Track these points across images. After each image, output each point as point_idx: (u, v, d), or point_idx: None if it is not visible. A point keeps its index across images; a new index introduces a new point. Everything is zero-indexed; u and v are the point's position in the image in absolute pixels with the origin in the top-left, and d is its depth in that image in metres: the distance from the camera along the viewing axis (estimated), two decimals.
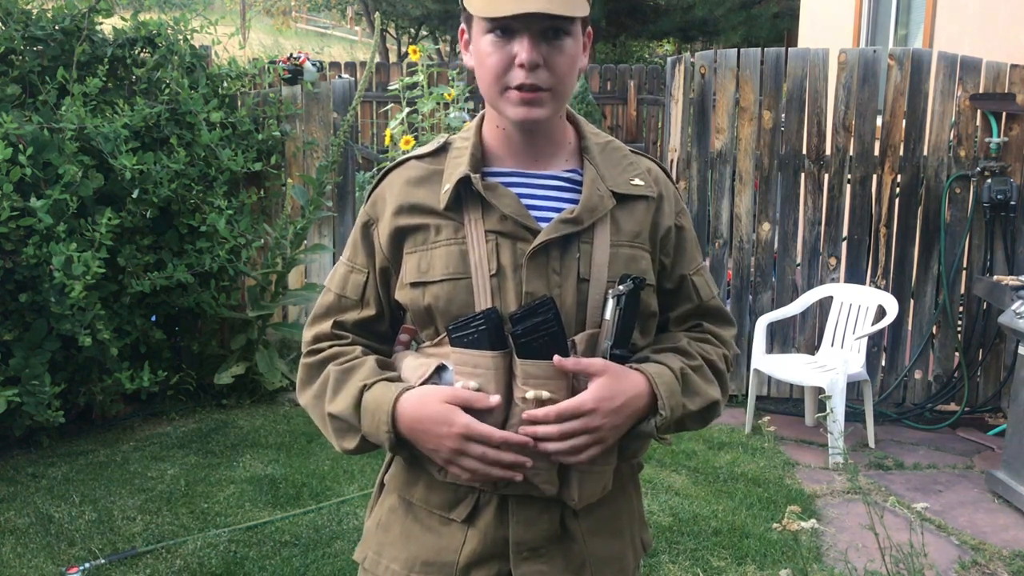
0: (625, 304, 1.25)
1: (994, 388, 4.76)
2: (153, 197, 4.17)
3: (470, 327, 1.27)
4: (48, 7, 4.31)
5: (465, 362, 1.28)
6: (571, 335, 1.28)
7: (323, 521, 3.48)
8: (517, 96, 1.27)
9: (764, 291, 4.91)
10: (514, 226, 1.29)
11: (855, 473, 3.99)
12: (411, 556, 1.37)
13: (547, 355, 1.24)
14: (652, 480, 3.88)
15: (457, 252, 1.30)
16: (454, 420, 1.24)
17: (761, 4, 14.61)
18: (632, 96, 10.64)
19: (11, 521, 3.46)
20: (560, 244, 1.29)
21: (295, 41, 22.23)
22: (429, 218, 1.33)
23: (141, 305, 4.42)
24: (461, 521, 1.34)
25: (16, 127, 3.65)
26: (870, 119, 4.72)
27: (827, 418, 4.06)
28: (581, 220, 1.29)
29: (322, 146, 5.04)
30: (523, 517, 1.33)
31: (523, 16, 1.22)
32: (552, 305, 1.24)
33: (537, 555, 1.34)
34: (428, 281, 1.31)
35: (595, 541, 1.37)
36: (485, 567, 1.34)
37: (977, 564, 3.26)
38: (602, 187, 1.32)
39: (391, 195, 1.36)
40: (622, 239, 1.32)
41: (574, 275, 1.29)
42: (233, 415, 4.63)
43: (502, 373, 1.27)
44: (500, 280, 1.28)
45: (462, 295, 1.29)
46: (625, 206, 1.34)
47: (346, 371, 1.35)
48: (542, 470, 1.28)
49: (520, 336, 1.24)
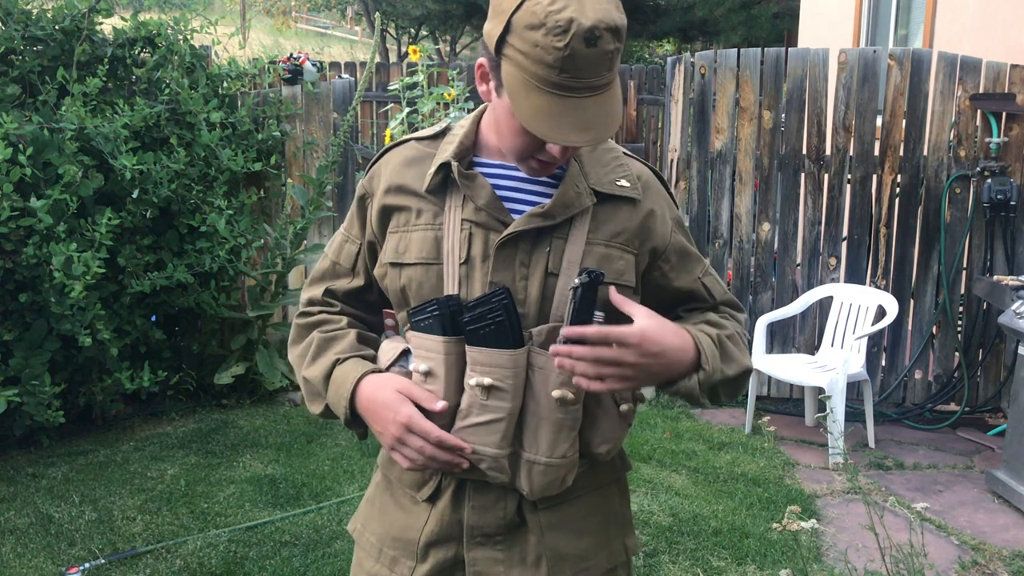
0: (580, 297, 1.24)
1: (994, 388, 4.76)
2: (153, 197, 4.17)
3: (425, 312, 1.31)
4: (48, 7, 4.31)
5: (420, 346, 1.32)
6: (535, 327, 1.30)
7: (323, 521, 3.48)
8: (538, 165, 1.29)
9: (764, 291, 4.91)
10: (488, 217, 1.31)
11: (855, 473, 3.98)
12: (384, 531, 1.44)
13: (495, 344, 1.26)
14: (652, 480, 3.88)
15: (432, 237, 1.34)
16: (399, 410, 1.30)
17: (761, 4, 14.60)
18: (632, 96, 10.62)
19: (11, 521, 3.46)
20: (531, 237, 1.31)
21: (295, 41, 22.24)
22: (413, 200, 1.37)
23: (141, 305, 4.42)
24: (424, 501, 1.39)
25: (16, 127, 3.65)
26: (870, 119, 4.72)
27: (827, 418, 4.06)
28: (553, 215, 1.30)
29: (322, 146, 5.04)
30: (479, 503, 1.36)
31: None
32: (505, 296, 1.26)
33: (491, 542, 1.37)
34: (403, 263, 1.35)
35: (554, 536, 1.37)
36: (443, 548, 1.38)
37: (977, 564, 3.26)
38: (582, 184, 1.32)
39: (385, 173, 1.41)
40: (599, 238, 1.32)
41: (542, 268, 1.30)
42: (233, 415, 4.63)
43: (454, 359, 1.30)
44: (469, 269, 1.31)
45: (432, 280, 1.33)
46: (607, 206, 1.34)
47: (327, 340, 1.42)
48: (486, 459, 1.30)
49: (468, 324, 1.27)
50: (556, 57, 1.15)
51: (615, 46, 1.18)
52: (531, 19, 1.16)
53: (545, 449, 1.30)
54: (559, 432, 1.29)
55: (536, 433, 1.30)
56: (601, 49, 1.16)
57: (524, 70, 1.19)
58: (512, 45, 1.19)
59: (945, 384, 4.82)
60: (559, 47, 1.15)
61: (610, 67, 1.20)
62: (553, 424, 1.29)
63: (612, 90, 1.22)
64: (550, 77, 1.17)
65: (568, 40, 1.14)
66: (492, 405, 1.28)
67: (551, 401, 1.28)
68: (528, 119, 1.20)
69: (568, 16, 1.14)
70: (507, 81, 1.22)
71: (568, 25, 1.14)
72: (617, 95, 1.24)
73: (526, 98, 1.19)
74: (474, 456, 1.30)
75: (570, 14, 1.14)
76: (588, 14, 1.15)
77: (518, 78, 1.20)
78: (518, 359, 1.27)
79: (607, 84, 1.21)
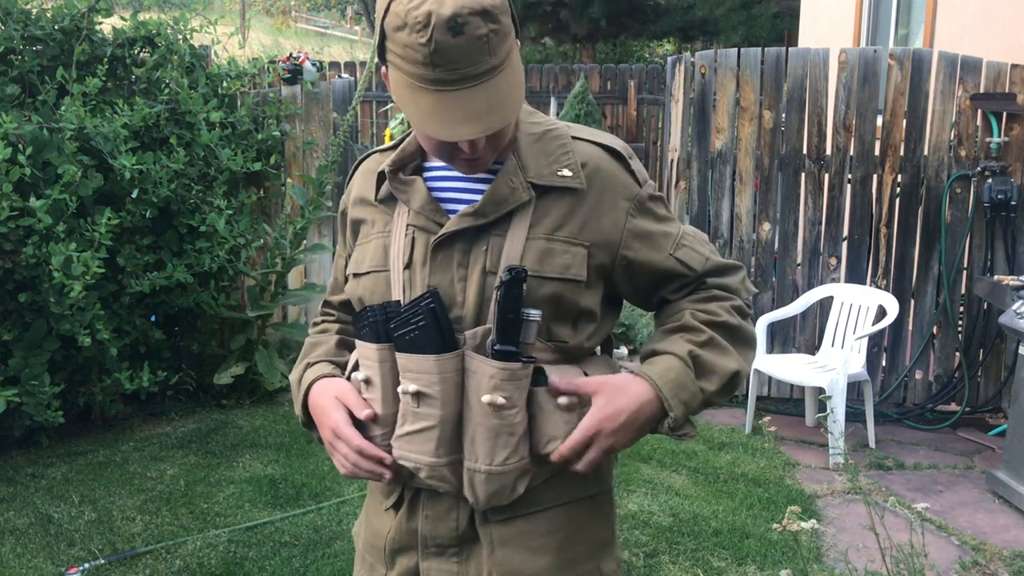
0: (503, 296, 1.20)
1: (995, 388, 4.75)
2: (153, 197, 4.17)
3: (363, 319, 1.31)
4: (48, 7, 4.31)
5: (360, 354, 1.33)
6: (470, 330, 1.27)
7: (323, 521, 3.48)
8: (464, 163, 1.27)
9: (764, 291, 4.91)
10: (426, 220, 1.30)
11: (855, 473, 3.98)
12: (365, 537, 1.46)
13: (420, 349, 1.24)
14: (652, 480, 3.88)
15: (382, 245, 1.34)
16: (331, 415, 1.33)
17: (761, 4, 14.59)
18: (632, 96, 10.63)
19: (11, 521, 3.46)
20: (467, 237, 1.28)
21: (295, 41, 22.23)
22: (370, 211, 1.38)
23: (141, 305, 4.42)
24: (389, 508, 1.39)
25: (16, 127, 3.64)
26: (870, 119, 4.72)
27: (827, 418, 4.05)
28: (484, 213, 1.26)
29: (322, 146, 5.04)
30: (432, 512, 1.35)
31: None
32: (432, 300, 1.24)
33: (446, 553, 1.35)
34: (359, 273, 1.37)
35: (505, 552, 1.31)
36: (405, 556, 1.38)
37: (977, 564, 3.26)
38: (517, 179, 1.27)
39: (355, 187, 1.44)
40: (540, 232, 1.27)
41: (480, 268, 1.27)
42: (233, 415, 4.63)
43: (389, 366, 1.28)
44: (411, 273, 1.31)
45: (382, 287, 1.33)
46: (548, 198, 1.28)
47: (311, 345, 1.48)
48: (424, 467, 1.27)
49: (394, 330, 1.26)
50: (424, 54, 1.13)
51: (488, 28, 1.14)
52: (396, 21, 1.15)
53: (484, 456, 1.25)
54: (496, 438, 1.24)
55: (473, 440, 1.25)
56: (470, 35, 1.13)
57: (404, 72, 1.17)
58: (391, 50, 1.18)
59: (946, 384, 4.81)
60: (423, 43, 1.13)
61: (490, 51, 1.15)
62: (488, 430, 1.24)
63: (501, 75, 1.17)
64: (426, 74, 1.15)
65: (430, 34, 1.12)
66: (423, 412, 1.25)
67: (484, 407, 1.23)
68: (416, 120, 1.19)
69: (426, 10, 1.12)
70: (394, 86, 1.21)
71: (427, 19, 1.12)
72: (511, 78, 1.19)
73: (412, 100, 1.18)
74: (411, 466, 1.28)
75: (428, 7, 1.12)
76: (447, 3, 1.12)
77: (402, 81, 1.18)
78: (444, 364, 1.23)
79: (491, 70, 1.16)
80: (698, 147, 4.85)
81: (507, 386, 1.22)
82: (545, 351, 1.28)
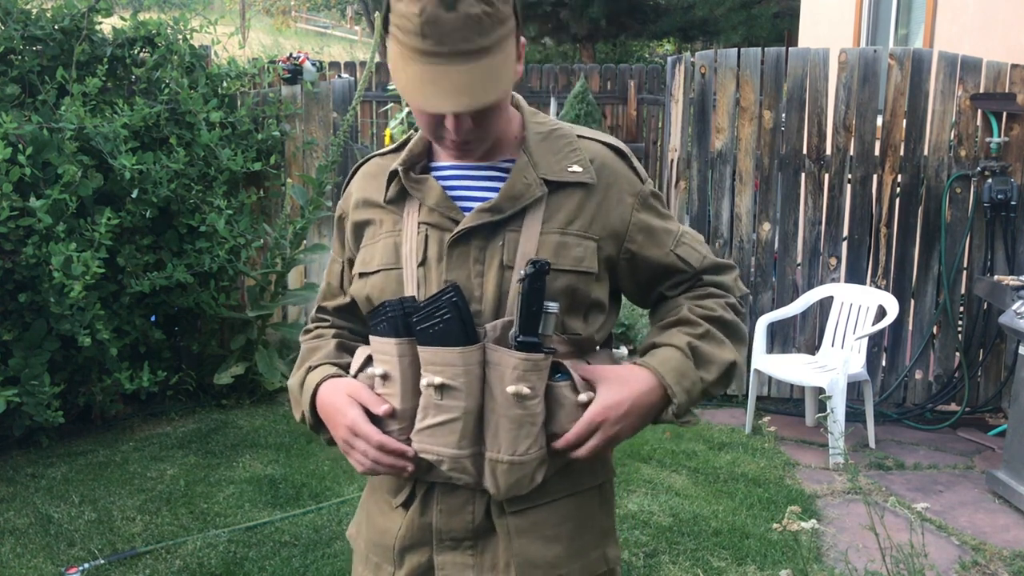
0: (527, 288, 1.23)
1: (995, 388, 4.75)
2: (152, 197, 4.17)
3: (380, 315, 1.31)
4: (48, 7, 4.31)
5: (377, 349, 1.33)
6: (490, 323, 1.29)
7: (323, 521, 3.48)
8: (450, 144, 1.29)
9: (764, 291, 4.91)
10: (440, 217, 1.32)
11: (855, 473, 3.98)
12: (369, 536, 1.45)
13: (443, 342, 1.25)
14: (652, 480, 3.88)
15: (392, 244, 1.35)
16: (347, 413, 1.32)
17: (761, 4, 14.59)
18: (632, 96, 10.63)
19: (11, 521, 3.46)
20: (484, 233, 1.30)
21: (295, 41, 22.23)
22: (377, 212, 1.39)
23: (141, 305, 4.42)
24: (399, 506, 1.39)
25: (15, 127, 3.64)
26: (870, 119, 4.72)
27: (827, 418, 4.05)
28: (501, 208, 1.30)
29: (322, 146, 5.04)
30: (446, 506, 1.35)
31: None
32: (454, 293, 1.25)
33: (461, 546, 1.36)
34: (368, 272, 1.37)
35: (522, 541, 1.34)
36: (416, 553, 1.38)
37: (977, 564, 3.26)
38: (531, 175, 1.31)
39: (355, 191, 1.44)
40: (553, 227, 1.31)
41: (497, 263, 1.30)
42: (233, 415, 4.63)
43: (408, 360, 1.29)
44: (426, 270, 1.32)
45: (393, 285, 1.34)
46: (560, 194, 1.33)
47: (309, 350, 1.48)
48: (447, 460, 1.28)
49: (417, 323, 1.27)
50: (416, 23, 1.17)
51: (482, 9, 1.17)
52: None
53: (507, 447, 1.27)
54: (519, 428, 1.26)
55: (496, 431, 1.27)
56: (463, 12, 1.16)
57: (399, 42, 1.21)
58: (391, 21, 1.22)
59: (945, 384, 4.81)
60: (416, 12, 1.16)
61: (481, 32, 1.18)
62: (512, 420, 1.26)
63: (491, 58, 1.20)
64: (416, 44, 1.18)
65: (424, 4, 1.16)
66: (447, 405, 1.26)
67: (508, 397, 1.25)
68: (403, 88, 1.23)
69: None
70: (390, 56, 1.24)
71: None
72: (501, 63, 1.21)
73: (403, 70, 1.22)
74: (433, 458, 1.29)
75: None
76: None
77: (397, 52, 1.22)
78: (468, 356, 1.25)
79: (482, 50, 1.19)
80: (698, 147, 4.85)
81: (531, 376, 1.25)
82: (560, 343, 1.32)
